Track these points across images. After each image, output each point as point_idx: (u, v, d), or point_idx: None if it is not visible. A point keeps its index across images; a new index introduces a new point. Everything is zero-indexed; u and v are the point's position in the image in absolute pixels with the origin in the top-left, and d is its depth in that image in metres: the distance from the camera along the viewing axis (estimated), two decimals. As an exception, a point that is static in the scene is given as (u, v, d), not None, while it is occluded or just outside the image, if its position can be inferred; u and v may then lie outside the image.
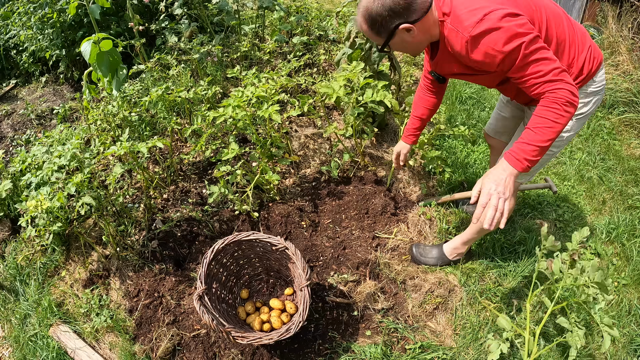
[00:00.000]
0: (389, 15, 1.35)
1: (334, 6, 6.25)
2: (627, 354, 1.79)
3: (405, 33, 1.40)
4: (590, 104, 1.54)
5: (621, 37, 3.75)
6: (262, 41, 3.72)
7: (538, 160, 1.32)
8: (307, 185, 2.53)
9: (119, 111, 2.67)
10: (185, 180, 2.59)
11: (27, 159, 2.33)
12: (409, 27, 1.37)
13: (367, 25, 1.42)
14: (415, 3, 1.34)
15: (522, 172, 1.33)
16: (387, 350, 1.77)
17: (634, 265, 2.11)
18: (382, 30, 1.40)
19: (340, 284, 2.01)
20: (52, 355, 1.93)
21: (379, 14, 1.36)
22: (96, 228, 2.36)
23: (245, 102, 2.17)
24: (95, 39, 2.33)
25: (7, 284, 2.30)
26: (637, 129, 3.19)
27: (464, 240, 1.98)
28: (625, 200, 2.54)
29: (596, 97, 1.54)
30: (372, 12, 1.37)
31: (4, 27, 4.37)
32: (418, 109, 1.96)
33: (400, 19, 1.36)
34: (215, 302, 1.76)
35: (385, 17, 1.36)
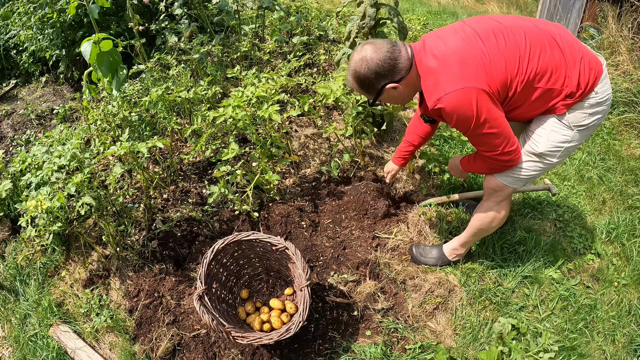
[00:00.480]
0: (375, 77, 1.49)
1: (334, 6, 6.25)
2: (627, 354, 1.79)
3: (392, 90, 1.53)
4: (594, 116, 1.51)
5: (621, 37, 3.75)
6: (262, 41, 3.72)
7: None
8: (307, 185, 2.53)
9: (119, 111, 2.67)
10: (185, 180, 2.59)
11: (27, 159, 2.33)
12: (394, 86, 1.51)
13: (357, 85, 1.56)
14: (399, 64, 1.48)
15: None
16: (387, 350, 1.77)
17: (634, 265, 2.11)
18: (371, 89, 1.54)
19: (340, 284, 2.01)
20: (52, 355, 1.93)
21: (366, 77, 1.49)
22: (96, 228, 2.36)
23: (245, 102, 2.17)
24: (95, 39, 2.33)
25: (7, 284, 2.30)
26: (637, 129, 3.19)
27: (462, 242, 1.98)
28: (625, 200, 2.54)
29: (600, 108, 1.50)
30: (360, 74, 1.50)
31: (4, 27, 4.37)
32: (410, 134, 2.04)
33: (385, 79, 1.50)
34: (215, 302, 1.76)
35: (372, 79, 1.50)
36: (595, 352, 1.80)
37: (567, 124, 1.52)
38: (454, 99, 1.39)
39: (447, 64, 1.41)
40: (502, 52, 1.41)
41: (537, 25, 1.48)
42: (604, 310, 1.94)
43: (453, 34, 1.47)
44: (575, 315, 1.91)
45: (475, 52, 1.40)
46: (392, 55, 1.46)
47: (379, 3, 2.27)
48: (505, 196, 1.72)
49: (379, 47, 1.47)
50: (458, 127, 1.50)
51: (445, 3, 7.59)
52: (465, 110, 1.40)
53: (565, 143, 1.56)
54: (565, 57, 1.44)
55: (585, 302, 1.96)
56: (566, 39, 1.47)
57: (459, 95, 1.38)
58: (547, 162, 1.61)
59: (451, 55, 1.41)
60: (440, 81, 1.42)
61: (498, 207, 1.76)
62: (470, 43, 1.42)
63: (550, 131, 1.55)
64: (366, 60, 1.47)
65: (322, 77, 3.13)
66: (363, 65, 1.47)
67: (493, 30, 1.45)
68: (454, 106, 1.40)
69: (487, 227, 1.83)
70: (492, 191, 1.73)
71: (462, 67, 1.39)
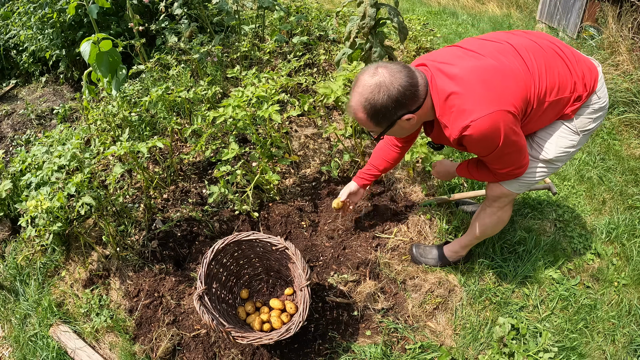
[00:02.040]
0: (395, 106, 1.29)
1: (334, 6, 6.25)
2: (627, 354, 1.79)
3: (406, 122, 1.36)
4: (596, 120, 1.52)
5: (621, 37, 3.75)
6: (262, 41, 3.72)
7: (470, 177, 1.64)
8: (307, 185, 2.53)
9: (119, 111, 2.68)
10: (185, 180, 2.59)
11: (27, 159, 2.33)
12: (411, 117, 1.34)
13: (367, 115, 1.33)
14: (418, 91, 1.31)
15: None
16: (387, 350, 1.77)
17: (634, 265, 2.11)
18: (384, 120, 1.34)
19: (340, 284, 2.01)
20: (52, 355, 1.93)
21: (384, 106, 1.29)
22: (96, 228, 2.36)
23: (245, 102, 2.17)
24: (95, 39, 2.33)
25: (7, 284, 2.30)
26: (637, 129, 3.19)
27: (463, 244, 1.97)
28: (625, 200, 2.54)
29: (602, 112, 1.52)
30: (377, 104, 1.28)
31: (4, 27, 4.37)
32: (377, 159, 1.90)
33: (404, 109, 1.31)
34: (215, 302, 1.76)
35: (390, 109, 1.30)
36: (595, 352, 1.80)
37: (575, 129, 1.52)
38: (483, 125, 1.26)
39: (468, 85, 1.28)
40: (517, 70, 1.33)
41: (535, 41, 1.46)
42: (604, 310, 1.94)
43: (456, 56, 1.37)
44: (575, 315, 1.91)
45: (493, 70, 1.29)
46: (412, 80, 1.29)
47: (379, 3, 2.27)
48: (509, 201, 1.71)
49: (395, 70, 1.28)
50: (479, 152, 1.39)
51: (445, 3, 7.59)
52: (494, 136, 1.29)
53: (571, 148, 1.55)
54: (569, 65, 1.44)
55: (585, 302, 1.96)
56: (564, 48, 1.47)
57: (489, 121, 1.26)
58: (553, 167, 1.61)
59: (469, 75, 1.29)
60: (465, 106, 1.28)
61: (502, 212, 1.74)
62: (482, 61, 1.31)
63: (559, 137, 1.54)
64: (385, 87, 1.26)
65: (322, 77, 3.13)
66: (382, 92, 1.26)
67: (499, 52, 1.37)
68: (482, 132, 1.27)
69: (489, 231, 1.82)
70: (496, 197, 1.71)
71: (486, 88, 1.27)
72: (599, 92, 1.48)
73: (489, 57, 1.34)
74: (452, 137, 1.34)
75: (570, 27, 5.01)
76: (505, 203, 1.72)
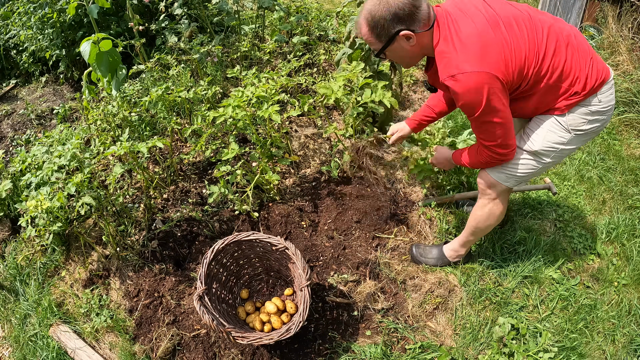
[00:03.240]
0: (392, 19, 1.37)
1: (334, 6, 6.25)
2: (627, 354, 1.79)
3: (405, 41, 1.42)
4: (593, 124, 1.51)
5: (621, 37, 3.75)
6: (262, 41, 3.72)
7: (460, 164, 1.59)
8: (307, 185, 2.53)
9: (118, 111, 2.67)
10: (185, 180, 2.59)
11: (27, 159, 2.33)
12: (409, 34, 1.39)
13: (368, 28, 1.43)
14: (419, 13, 1.37)
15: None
16: (387, 350, 1.77)
17: (634, 265, 2.11)
18: (383, 34, 1.42)
19: (340, 284, 2.01)
20: (52, 355, 1.93)
21: (383, 17, 1.37)
22: (96, 228, 2.36)
23: (245, 102, 2.17)
24: (95, 39, 2.33)
25: (7, 284, 2.30)
26: (637, 129, 3.19)
27: (461, 243, 1.97)
28: (625, 200, 2.54)
29: (601, 117, 1.51)
30: (376, 15, 1.38)
31: (4, 27, 4.37)
32: (434, 99, 1.93)
33: (402, 24, 1.38)
34: (215, 302, 1.76)
35: (387, 21, 1.38)
36: (595, 352, 1.80)
37: (566, 126, 1.52)
38: (468, 81, 1.34)
39: (469, 43, 1.36)
40: (524, 42, 1.39)
41: (554, 23, 1.48)
42: (604, 310, 1.94)
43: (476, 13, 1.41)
44: (575, 315, 1.91)
45: (499, 39, 1.36)
46: (415, 2, 1.36)
47: (379, 3, 2.27)
48: (498, 193, 1.71)
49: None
50: (464, 109, 1.45)
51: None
52: (476, 95, 1.36)
53: (560, 145, 1.56)
54: (578, 57, 1.45)
55: (585, 302, 1.96)
56: (580, 40, 1.48)
57: (474, 78, 1.34)
58: (541, 162, 1.61)
59: (475, 36, 1.36)
60: (458, 58, 1.36)
61: (492, 205, 1.74)
62: (494, 28, 1.37)
63: (548, 131, 1.55)
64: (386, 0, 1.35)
65: (322, 77, 3.13)
66: (381, 5, 1.36)
67: (515, 19, 1.42)
68: (466, 88, 1.36)
69: (483, 226, 1.82)
70: (485, 187, 1.72)
71: (484, 52, 1.34)
72: (600, 96, 1.47)
73: (502, 23, 1.39)
74: (440, 79, 1.41)
75: (570, 27, 5.00)
76: (494, 195, 1.72)
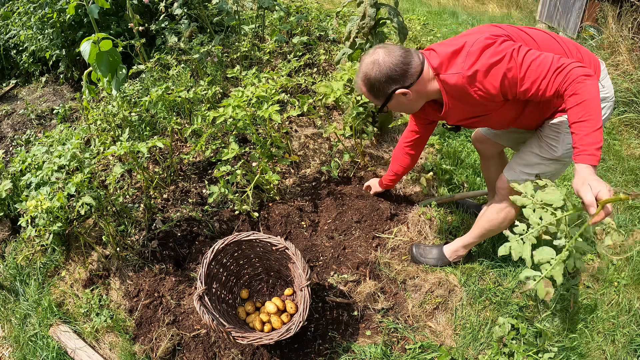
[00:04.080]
0: (386, 81, 1.45)
1: (334, 6, 6.25)
2: (627, 354, 1.79)
3: (402, 96, 1.49)
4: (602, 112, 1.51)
5: (621, 37, 3.75)
6: (262, 41, 3.72)
7: (602, 144, 1.25)
8: (307, 185, 2.53)
9: (118, 111, 2.67)
10: (185, 180, 2.59)
11: (27, 159, 2.33)
12: (405, 91, 1.47)
13: (366, 89, 1.51)
14: (411, 69, 1.44)
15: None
16: (387, 350, 1.77)
17: (634, 265, 2.11)
18: (380, 94, 1.50)
19: (340, 284, 2.01)
20: (52, 355, 1.93)
21: (377, 80, 1.45)
22: (96, 228, 2.36)
23: (245, 102, 2.17)
24: (95, 39, 2.33)
25: (7, 284, 2.30)
26: (637, 129, 3.19)
27: (465, 244, 1.97)
28: (625, 200, 2.54)
29: (606, 103, 1.50)
30: (371, 77, 1.46)
31: (4, 27, 4.37)
32: (394, 165, 2.13)
33: (396, 84, 1.45)
34: (215, 302, 1.76)
35: (382, 83, 1.45)
36: (595, 352, 1.80)
37: None
38: (480, 45, 1.33)
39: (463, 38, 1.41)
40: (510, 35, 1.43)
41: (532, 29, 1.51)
42: (604, 310, 1.94)
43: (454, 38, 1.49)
44: (575, 315, 1.91)
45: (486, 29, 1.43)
46: (405, 59, 1.43)
47: (379, 3, 2.27)
48: None
49: (392, 51, 1.44)
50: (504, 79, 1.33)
51: (445, 3, 7.59)
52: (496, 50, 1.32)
53: None
54: (564, 49, 1.47)
55: (585, 302, 1.96)
56: (564, 37, 1.50)
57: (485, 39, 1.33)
58: (563, 162, 1.62)
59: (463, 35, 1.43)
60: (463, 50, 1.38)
61: (510, 209, 1.73)
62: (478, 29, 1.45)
63: (565, 133, 1.55)
64: (378, 64, 1.43)
65: (322, 77, 3.13)
66: (374, 68, 1.44)
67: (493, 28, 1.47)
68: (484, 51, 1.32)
69: (496, 228, 1.81)
70: (506, 192, 1.70)
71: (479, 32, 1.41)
72: (602, 82, 1.48)
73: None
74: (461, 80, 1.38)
75: (570, 27, 5.01)
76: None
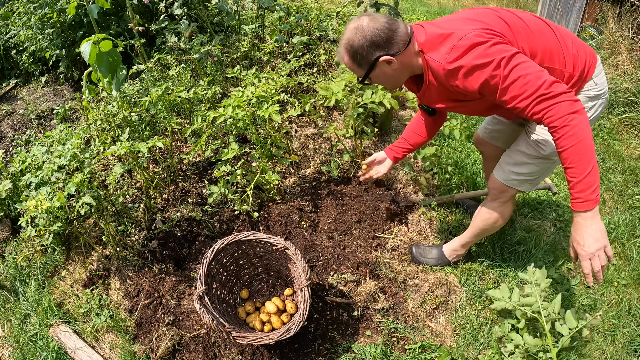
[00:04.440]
0: (369, 46, 1.37)
1: (334, 6, 6.25)
2: (627, 354, 1.79)
3: (386, 65, 1.41)
4: (595, 108, 1.51)
5: (621, 37, 3.75)
6: (262, 41, 3.72)
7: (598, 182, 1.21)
8: (307, 185, 2.53)
9: (118, 111, 2.67)
10: (185, 180, 2.59)
11: (27, 159, 2.33)
12: (389, 59, 1.39)
13: (349, 56, 1.43)
14: (396, 36, 1.37)
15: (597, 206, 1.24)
16: (387, 350, 1.77)
17: (634, 265, 2.11)
18: (363, 61, 1.42)
19: (340, 284, 2.01)
20: (52, 355, 1.93)
21: (360, 46, 1.38)
22: (96, 228, 2.36)
23: (245, 102, 2.17)
24: (95, 39, 2.33)
25: (7, 284, 2.30)
26: (637, 129, 3.20)
27: (463, 242, 1.97)
28: (625, 200, 2.54)
29: (599, 100, 1.50)
30: (354, 43, 1.38)
31: (4, 27, 4.37)
32: (409, 132, 1.89)
33: (380, 51, 1.38)
34: (215, 302, 1.76)
35: (366, 49, 1.38)
36: (595, 352, 1.80)
37: None
38: (469, 41, 1.25)
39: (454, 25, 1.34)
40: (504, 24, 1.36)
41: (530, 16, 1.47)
42: (604, 310, 1.94)
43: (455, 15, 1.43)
44: (575, 315, 1.90)
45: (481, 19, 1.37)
46: (391, 26, 1.36)
47: (379, 3, 2.27)
48: (510, 197, 1.71)
49: (377, 17, 1.37)
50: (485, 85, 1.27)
51: (445, 3, 7.59)
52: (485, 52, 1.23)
53: None
54: (560, 40, 1.42)
55: (585, 302, 1.96)
56: (561, 29, 1.46)
57: (476, 36, 1.25)
58: (552, 160, 1.61)
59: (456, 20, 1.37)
60: (450, 39, 1.30)
61: (503, 208, 1.74)
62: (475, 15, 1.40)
63: None
64: (362, 29, 1.36)
65: (322, 77, 3.13)
66: (358, 34, 1.36)
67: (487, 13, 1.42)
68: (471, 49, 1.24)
69: (490, 228, 1.82)
70: (498, 192, 1.71)
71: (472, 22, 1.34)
72: (595, 79, 1.46)
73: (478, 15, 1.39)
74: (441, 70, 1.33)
75: (570, 27, 5.01)
76: (507, 198, 1.72)
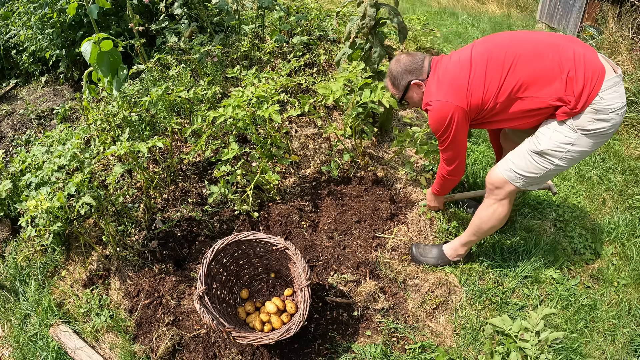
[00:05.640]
0: (404, 73, 1.81)
1: (334, 6, 6.25)
2: (627, 354, 1.79)
3: (417, 88, 1.82)
4: (600, 123, 1.51)
5: (621, 37, 3.75)
6: (262, 41, 3.72)
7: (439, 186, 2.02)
8: (307, 185, 2.53)
9: (119, 111, 2.67)
10: (185, 180, 2.59)
11: (27, 159, 2.33)
12: (419, 83, 1.79)
13: (390, 81, 1.88)
14: (424, 67, 1.79)
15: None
16: (387, 350, 1.77)
17: (634, 265, 2.11)
18: (399, 85, 1.84)
19: (340, 284, 2.01)
20: (52, 355, 1.93)
21: (397, 72, 1.83)
22: (96, 228, 2.36)
23: (245, 102, 2.17)
24: (96, 39, 2.33)
25: (7, 284, 2.30)
26: (637, 129, 3.20)
27: (463, 242, 1.98)
28: (625, 200, 2.54)
29: (606, 115, 1.50)
30: (393, 71, 1.84)
31: (4, 27, 4.37)
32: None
33: (412, 76, 1.80)
34: (215, 302, 1.76)
35: (401, 74, 1.82)
36: (595, 352, 1.80)
37: (572, 125, 1.55)
38: (436, 107, 1.70)
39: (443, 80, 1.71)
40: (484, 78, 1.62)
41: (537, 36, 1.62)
42: (604, 310, 1.94)
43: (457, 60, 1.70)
44: (575, 315, 1.91)
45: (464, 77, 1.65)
46: (418, 59, 1.80)
47: (379, 3, 2.27)
48: (506, 194, 1.73)
49: (412, 54, 1.83)
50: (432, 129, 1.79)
51: (445, 3, 7.59)
52: (441, 119, 1.69)
53: (568, 145, 1.57)
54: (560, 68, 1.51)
55: (585, 302, 1.96)
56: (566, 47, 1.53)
57: (441, 106, 1.68)
58: (550, 163, 1.62)
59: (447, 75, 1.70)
60: (434, 91, 1.72)
61: (498, 205, 1.77)
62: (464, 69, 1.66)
63: (554, 131, 1.59)
64: (399, 61, 1.83)
65: (322, 77, 3.13)
66: (395, 64, 1.83)
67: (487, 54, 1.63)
68: (434, 113, 1.71)
69: (486, 227, 1.83)
70: (493, 187, 1.76)
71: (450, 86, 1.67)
72: (602, 93, 1.48)
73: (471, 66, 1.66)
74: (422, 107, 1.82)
75: (570, 27, 5.01)
76: (502, 196, 1.75)
